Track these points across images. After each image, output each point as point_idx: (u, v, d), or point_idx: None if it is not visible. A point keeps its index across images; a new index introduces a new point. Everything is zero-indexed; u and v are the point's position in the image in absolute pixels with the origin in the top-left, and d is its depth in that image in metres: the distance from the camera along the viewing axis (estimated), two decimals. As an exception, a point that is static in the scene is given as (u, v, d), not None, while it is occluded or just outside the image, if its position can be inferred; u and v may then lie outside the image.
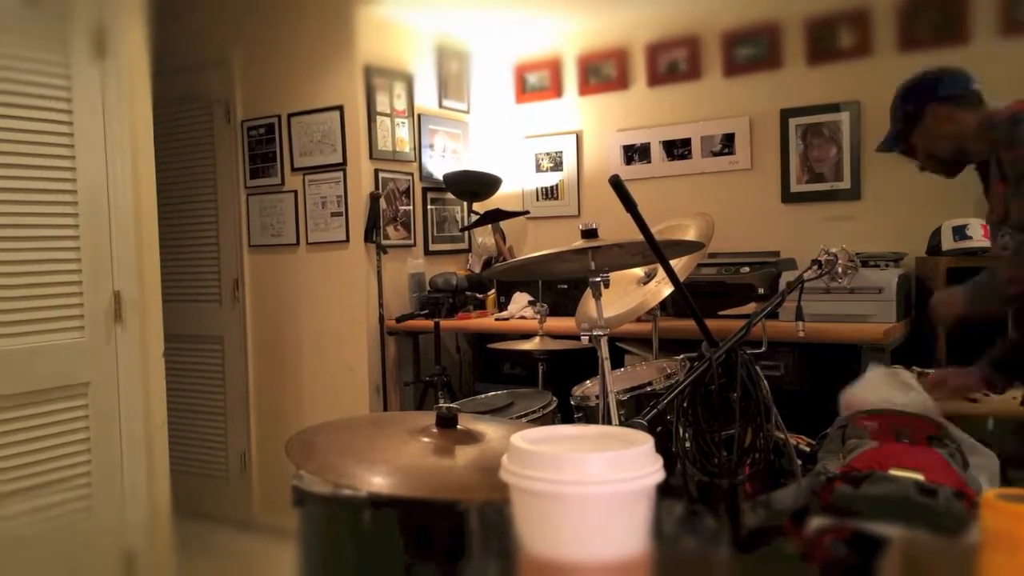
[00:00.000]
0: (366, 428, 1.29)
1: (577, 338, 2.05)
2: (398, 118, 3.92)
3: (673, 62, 3.94)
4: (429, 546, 1.00)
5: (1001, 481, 1.68)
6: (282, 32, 3.91)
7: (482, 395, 2.74)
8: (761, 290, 3.10)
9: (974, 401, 2.19)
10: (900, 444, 1.58)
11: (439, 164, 4.15)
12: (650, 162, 4.02)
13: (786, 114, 3.68)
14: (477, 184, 4.00)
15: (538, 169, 4.35)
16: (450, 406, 1.25)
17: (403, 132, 3.94)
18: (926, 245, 3.23)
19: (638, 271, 2.84)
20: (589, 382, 2.50)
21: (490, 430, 1.26)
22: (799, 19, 3.64)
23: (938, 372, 2.23)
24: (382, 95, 3.83)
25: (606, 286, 1.95)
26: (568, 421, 2.48)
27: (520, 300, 3.73)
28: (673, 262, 2.43)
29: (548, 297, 3.64)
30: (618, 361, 3.11)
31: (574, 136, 4.24)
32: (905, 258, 3.23)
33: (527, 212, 4.16)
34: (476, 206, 4.12)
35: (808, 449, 1.88)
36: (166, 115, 4.04)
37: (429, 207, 4.11)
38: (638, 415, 1.33)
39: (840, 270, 1.88)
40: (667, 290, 2.54)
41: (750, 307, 3.08)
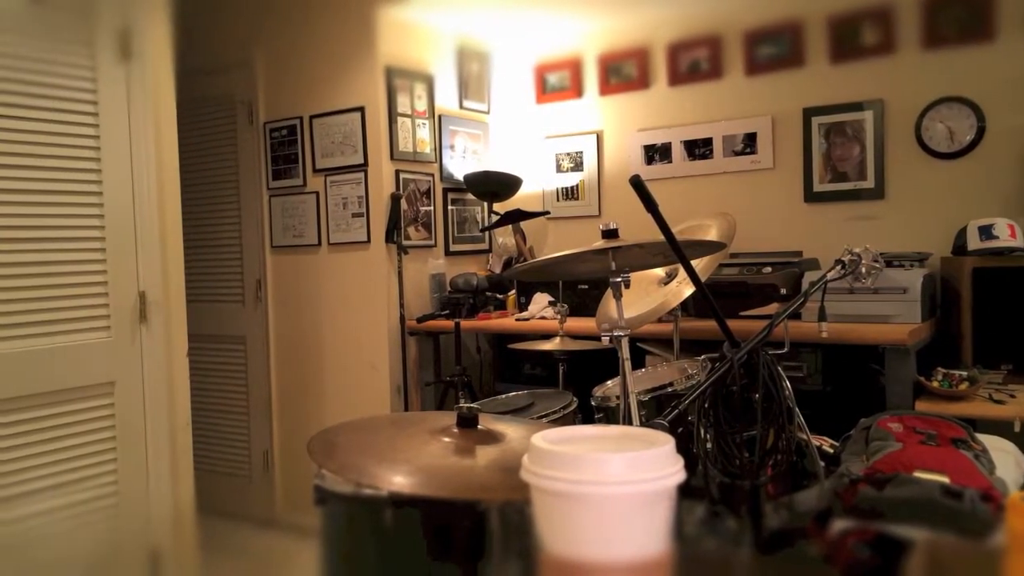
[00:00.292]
0: (387, 428, 1.29)
1: (598, 338, 2.05)
2: (419, 119, 3.93)
3: (694, 61, 3.93)
4: (450, 546, 1.00)
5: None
6: (304, 34, 3.94)
7: (502, 395, 2.74)
8: (783, 290, 3.07)
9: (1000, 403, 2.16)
10: (925, 446, 1.56)
11: (459, 165, 4.15)
12: (671, 162, 4.00)
13: (809, 113, 3.65)
14: (497, 184, 4.00)
15: (558, 169, 4.35)
16: (471, 406, 1.25)
17: (424, 133, 3.96)
18: (951, 245, 3.19)
19: (659, 271, 2.84)
20: (610, 382, 2.49)
21: (511, 430, 1.26)
22: (822, 17, 3.61)
23: None
24: (403, 96, 3.84)
25: (627, 286, 1.94)
26: (589, 422, 2.48)
27: (540, 300, 3.73)
28: (695, 262, 2.42)
29: (569, 297, 3.63)
30: (639, 362, 3.10)
31: (594, 136, 4.23)
32: (930, 258, 3.19)
33: (547, 212, 4.15)
34: (496, 206, 4.13)
35: (831, 450, 1.87)
36: (189, 117, 4.09)
37: (450, 207, 4.12)
38: (659, 416, 1.33)
39: (864, 270, 1.86)
40: (688, 290, 2.54)
41: (772, 307, 3.06)
